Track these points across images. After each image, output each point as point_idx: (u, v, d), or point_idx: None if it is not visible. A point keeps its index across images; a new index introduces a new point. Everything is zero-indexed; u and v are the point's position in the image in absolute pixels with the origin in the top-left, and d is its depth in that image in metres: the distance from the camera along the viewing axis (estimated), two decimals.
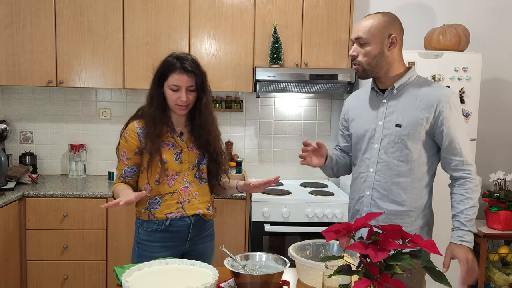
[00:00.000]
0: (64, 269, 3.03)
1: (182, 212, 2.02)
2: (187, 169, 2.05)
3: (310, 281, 1.67)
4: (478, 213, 3.57)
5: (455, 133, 1.81)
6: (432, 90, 1.84)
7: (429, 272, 1.25)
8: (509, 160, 3.71)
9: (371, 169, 1.91)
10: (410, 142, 1.83)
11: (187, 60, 1.97)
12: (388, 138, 1.86)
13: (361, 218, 1.32)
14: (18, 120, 3.58)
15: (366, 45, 1.83)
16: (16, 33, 3.15)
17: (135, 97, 3.62)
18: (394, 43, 1.83)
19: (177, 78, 1.94)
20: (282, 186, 3.44)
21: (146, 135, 1.98)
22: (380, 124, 1.89)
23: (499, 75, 3.68)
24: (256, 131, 3.70)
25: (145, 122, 2.01)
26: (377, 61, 1.83)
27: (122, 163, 2.04)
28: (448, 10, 3.61)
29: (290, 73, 3.17)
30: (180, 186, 2.03)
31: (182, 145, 2.05)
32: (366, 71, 1.86)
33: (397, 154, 1.85)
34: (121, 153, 2.04)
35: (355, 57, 1.86)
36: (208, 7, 3.22)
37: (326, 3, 3.25)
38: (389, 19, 1.83)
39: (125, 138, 2.02)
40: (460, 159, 1.82)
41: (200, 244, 2.12)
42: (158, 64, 2.03)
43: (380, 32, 1.81)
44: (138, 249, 2.08)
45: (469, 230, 1.78)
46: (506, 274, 3.29)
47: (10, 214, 2.87)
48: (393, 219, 1.87)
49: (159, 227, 2.03)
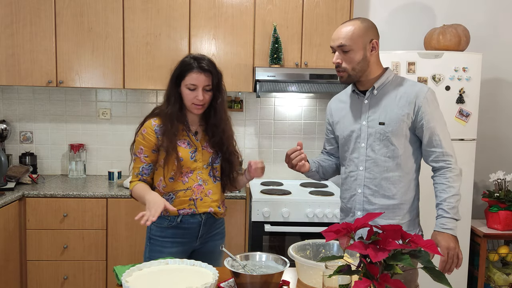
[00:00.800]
0: (64, 269, 3.04)
1: (194, 209, 2.07)
2: (201, 167, 2.09)
3: (310, 281, 1.67)
4: (478, 213, 3.60)
5: (434, 125, 1.89)
6: (409, 87, 1.92)
7: (429, 272, 1.25)
8: (509, 160, 3.71)
9: (360, 167, 1.97)
10: (394, 138, 1.90)
11: (204, 60, 2.02)
12: (373, 136, 1.93)
13: (361, 218, 1.32)
14: (18, 120, 3.58)
15: (349, 52, 1.88)
16: (16, 33, 3.15)
17: (135, 97, 3.62)
18: (375, 47, 1.90)
19: (194, 77, 1.99)
20: (282, 186, 3.44)
21: (163, 132, 2.02)
22: (364, 123, 1.96)
23: (499, 75, 3.68)
24: (256, 131, 3.70)
25: (162, 120, 2.05)
26: (361, 66, 1.90)
27: (139, 161, 2.07)
28: (448, 10, 3.61)
29: (290, 73, 3.17)
30: (194, 183, 2.07)
31: (196, 143, 2.09)
32: (351, 76, 1.92)
33: (383, 151, 1.92)
34: (138, 150, 2.07)
35: (339, 64, 1.91)
36: (208, 7, 3.22)
37: (326, 3, 3.25)
38: (367, 25, 1.89)
39: (143, 135, 2.06)
40: (440, 151, 1.89)
41: (210, 242, 2.15)
42: (175, 65, 2.07)
43: (362, 38, 1.87)
44: (150, 245, 2.12)
45: (451, 217, 1.82)
46: (506, 274, 3.29)
47: (10, 214, 2.87)
48: (386, 213, 1.93)
49: (170, 223, 2.06)
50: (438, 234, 1.82)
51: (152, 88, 3.27)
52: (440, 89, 3.05)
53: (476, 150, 3.15)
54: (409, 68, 3.04)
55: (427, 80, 3.04)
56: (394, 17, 3.62)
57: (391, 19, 3.61)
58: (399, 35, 3.59)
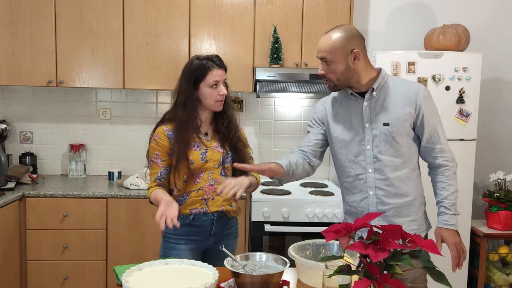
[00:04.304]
0: (64, 269, 3.03)
1: (206, 209, 2.11)
2: (213, 167, 2.12)
3: (310, 281, 1.67)
4: (478, 213, 3.60)
5: (434, 122, 1.95)
6: (407, 86, 1.96)
7: (429, 272, 1.25)
8: (509, 160, 3.71)
9: (369, 169, 1.95)
10: (399, 137, 1.92)
11: (215, 56, 2.11)
12: (379, 137, 1.93)
13: (361, 218, 1.32)
14: (18, 120, 3.58)
15: (331, 64, 1.90)
16: (16, 33, 3.15)
17: (135, 97, 3.62)
18: (357, 57, 1.89)
19: (215, 74, 2.06)
20: (282, 186, 3.44)
21: (176, 138, 2.05)
22: (367, 126, 1.95)
23: (499, 75, 3.68)
24: (256, 131, 3.70)
25: (177, 126, 2.07)
26: (345, 75, 1.91)
27: (156, 166, 2.09)
28: (448, 10, 3.61)
29: (290, 73, 3.17)
30: (205, 183, 2.10)
31: (207, 144, 2.12)
32: (337, 85, 1.95)
33: (390, 151, 1.93)
34: (154, 156, 2.09)
35: (324, 75, 1.94)
36: (208, 7, 3.22)
37: (326, 3, 3.25)
38: (348, 35, 1.88)
39: (156, 141, 2.09)
40: (439, 147, 1.96)
41: (223, 241, 2.17)
42: (188, 71, 2.08)
43: (342, 50, 1.87)
44: (164, 242, 2.15)
45: (453, 213, 1.94)
46: (506, 274, 3.29)
47: (10, 214, 2.87)
48: (401, 211, 1.96)
49: (183, 221, 2.09)
50: (443, 230, 1.93)
51: (152, 88, 3.27)
52: (440, 89, 3.05)
53: (476, 150, 3.15)
54: (409, 68, 3.04)
55: (427, 80, 3.04)
56: (394, 17, 3.62)
57: (391, 19, 3.61)
58: (399, 35, 3.59)
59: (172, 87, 2.19)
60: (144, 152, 2.20)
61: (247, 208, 3.09)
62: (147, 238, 3.04)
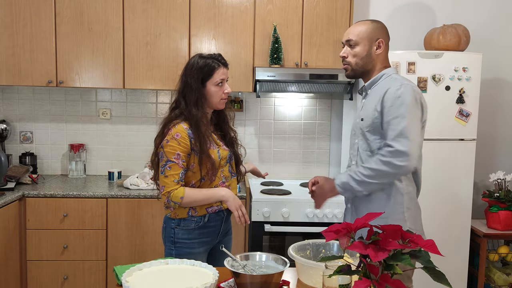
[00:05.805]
0: (64, 269, 3.03)
1: (220, 206, 2.12)
2: (223, 165, 2.15)
3: (310, 281, 1.67)
4: (478, 213, 3.59)
5: (392, 120, 1.88)
6: (385, 84, 1.99)
7: (429, 272, 1.25)
8: (509, 160, 3.71)
9: (353, 161, 2.10)
10: (368, 134, 2.00)
11: (219, 55, 2.15)
12: (359, 132, 2.04)
13: (361, 218, 1.32)
14: (18, 120, 3.58)
15: (355, 46, 2.03)
16: (16, 33, 3.15)
17: (135, 97, 3.62)
18: (380, 46, 2.02)
19: (221, 72, 2.11)
20: (282, 186, 3.44)
21: (197, 136, 2.03)
22: (357, 121, 2.09)
23: (499, 75, 3.67)
24: (256, 131, 3.70)
25: (194, 124, 2.04)
26: (365, 61, 2.03)
27: (177, 167, 2.02)
28: (448, 10, 3.61)
29: (290, 73, 3.17)
30: (219, 181, 2.13)
31: (218, 142, 2.16)
32: (354, 70, 2.06)
33: (364, 146, 2.03)
34: (174, 156, 2.02)
35: (345, 58, 2.07)
36: (208, 7, 3.22)
37: (326, 3, 3.25)
38: (377, 26, 2.05)
39: (177, 140, 2.02)
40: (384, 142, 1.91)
41: (225, 237, 2.22)
42: (194, 69, 2.08)
43: (368, 36, 2.02)
44: (176, 249, 2.11)
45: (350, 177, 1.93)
46: (506, 274, 3.29)
47: (10, 214, 2.87)
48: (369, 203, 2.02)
49: (197, 224, 2.10)
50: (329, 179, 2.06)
51: (152, 88, 3.27)
52: (440, 89, 3.05)
53: (476, 150, 3.15)
54: (409, 68, 3.04)
55: (427, 80, 3.04)
56: (394, 17, 3.62)
57: (391, 19, 3.61)
58: (399, 35, 3.59)
59: (172, 87, 2.20)
60: (144, 152, 2.21)
61: (247, 208, 3.09)
62: (147, 238, 3.04)
